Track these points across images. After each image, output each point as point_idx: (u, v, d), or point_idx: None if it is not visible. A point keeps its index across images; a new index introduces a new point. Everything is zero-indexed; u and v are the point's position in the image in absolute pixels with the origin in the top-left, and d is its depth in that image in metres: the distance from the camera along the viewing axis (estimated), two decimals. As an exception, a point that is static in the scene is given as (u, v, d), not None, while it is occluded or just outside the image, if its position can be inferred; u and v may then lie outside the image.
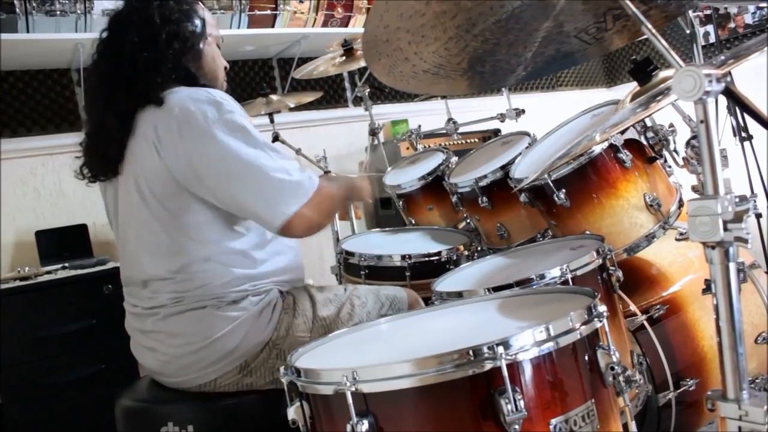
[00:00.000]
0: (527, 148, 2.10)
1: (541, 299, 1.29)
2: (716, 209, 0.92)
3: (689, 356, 1.80)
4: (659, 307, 1.80)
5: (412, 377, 0.95)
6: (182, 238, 1.45)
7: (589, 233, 1.73)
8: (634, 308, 1.79)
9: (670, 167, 1.86)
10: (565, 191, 1.75)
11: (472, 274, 1.70)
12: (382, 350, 1.21)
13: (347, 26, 3.43)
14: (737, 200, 0.94)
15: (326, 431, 1.05)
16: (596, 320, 1.06)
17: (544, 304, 1.25)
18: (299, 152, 2.95)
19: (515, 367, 0.96)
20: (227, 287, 1.45)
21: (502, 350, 0.93)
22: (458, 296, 1.44)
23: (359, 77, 3.68)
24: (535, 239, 2.08)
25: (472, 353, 0.94)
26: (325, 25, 3.38)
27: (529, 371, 0.98)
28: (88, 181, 1.59)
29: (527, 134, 2.25)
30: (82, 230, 2.77)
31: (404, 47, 1.28)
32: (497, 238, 2.13)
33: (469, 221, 2.29)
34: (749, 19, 3.97)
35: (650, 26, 1.09)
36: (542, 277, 1.41)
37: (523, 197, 1.89)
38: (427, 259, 2.06)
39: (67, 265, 2.52)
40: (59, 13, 2.63)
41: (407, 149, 3.34)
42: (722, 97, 0.97)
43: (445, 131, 2.97)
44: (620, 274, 1.53)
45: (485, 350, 0.94)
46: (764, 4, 3.51)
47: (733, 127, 2.58)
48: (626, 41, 1.49)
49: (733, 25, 4.05)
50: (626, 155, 1.75)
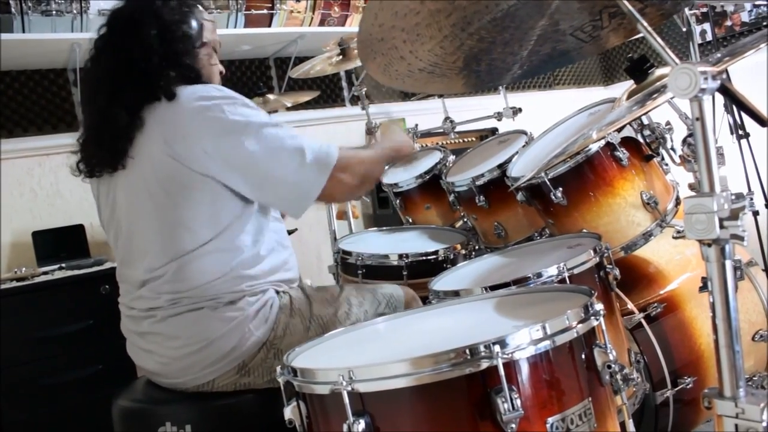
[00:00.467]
0: (524, 146, 2.09)
1: (538, 298, 1.29)
2: (712, 207, 0.92)
3: (687, 354, 1.80)
4: (656, 305, 1.80)
5: (408, 377, 0.94)
6: (180, 231, 1.44)
7: (586, 232, 1.73)
8: (631, 306, 1.79)
9: (667, 165, 1.86)
10: (562, 190, 1.75)
11: (469, 273, 1.70)
12: (378, 350, 1.21)
13: (344, 25, 3.43)
14: (733, 198, 0.94)
15: (323, 431, 1.05)
16: (593, 319, 1.06)
17: (541, 302, 1.25)
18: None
19: (512, 366, 0.96)
20: (223, 287, 1.45)
21: (498, 349, 0.93)
22: (455, 295, 1.44)
23: (356, 76, 3.68)
24: (532, 238, 2.08)
25: (468, 352, 0.94)
26: (321, 24, 3.37)
27: (525, 370, 0.97)
28: (83, 176, 1.57)
29: (524, 133, 2.24)
30: (79, 231, 2.77)
31: (399, 46, 1.28)
32: (494, 236, 2.13)
33: (466, 220, 2.29)
34: (746, 17, 3.97)
35: (646, 24, 1.09)
36: (539, 275, 1.41)
37: (520, 196, 1.89)
38: (424, 258, 2.06)
39: (64, 265, 2.52)
40: (55, 13, 2.62)
41: (405, 148, 3.33)
42: (720, 94, 0.97)
43: (442, 130, 2.97)
44: (617, 272, 1.53)
45: (482, 349, 0.94)
46: (761, 2, 3.51)
47: (730, 124, 2.59)
48: (622, 39, 1.49)
49: (729, 23, 4.05)
50: (623, 153, 1.75)
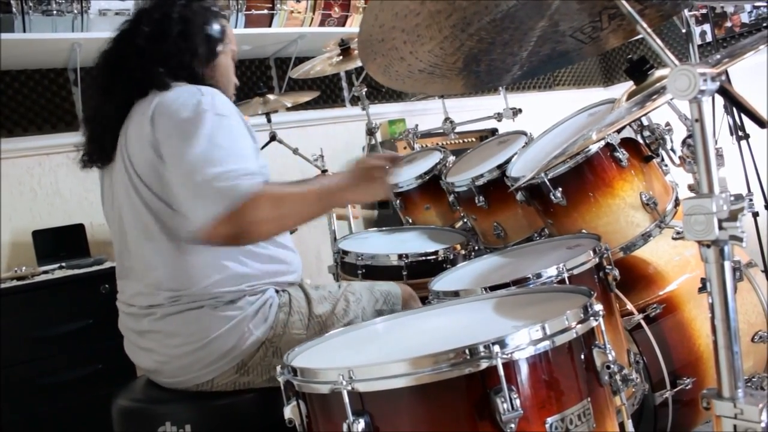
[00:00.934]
0: (524, 147, 2.10)
1: (537, 298, 1.29)
2: (711, 208, 0.92)
3: (686, 355, 1.80)
4: (656, 305, 1.81)
5: (408, 376, 0.95)
6: (174, 228, 1.43)
7: (585, 232, 1.73)
8: (630, 307, 1.79)
9: (666, 166, 1.86)
10: (561, 190, 1.75)
11: (468, 273, 1.70)
12: (378, 349, 1.21)
13: (344, 26, 3.43)
14: (732, 199, 0.94)
15: (322, 430, 1.05)
16: (592, 319, 1.06)
17: (540, 303, 1.25)
18: (296, 152, 2.95)
19: (511, 366, 0.96)
20: (224, 286, 1.44)
21: (498, 349, 0.93)
22: (455, 295, 1.44)
23: (356, 77, 3.68)
24: (531, 238, 2.09)
25: (468, 352, 0.94)
26: (322, 24, 3.37)
27: (525, 370, 0.98)
28: (83, 165, 1.59)
29: (524, 133, 2.25)
30: (78, 230, 2.77)
31: (399, 46, 1.28)
32: (494, 237, 2.14)
33: (466, 220, 2.30)
34: (746, 18, 3.98)
35: (645, 25, 1.09)
36: (539, 276, 1.41)
37: (519, 196, 1.89)
38: (424, 258, 2.06)
39: (64, 264, 2.52)
40: (56, 12, 2.62)
41: (404, 149, 3.34)
42: (719, 95, 0.97)
43: (442, 130, 2.98)
44: (617, 273, 1.53)
45: (481, 349, 0.94)
46: (761, 3, 3.51)
47: (730, 125, 2.59)
48: (622, 40, 1.49)
49: (729, 24, 4.05)
50: (623, 154, 1.75)
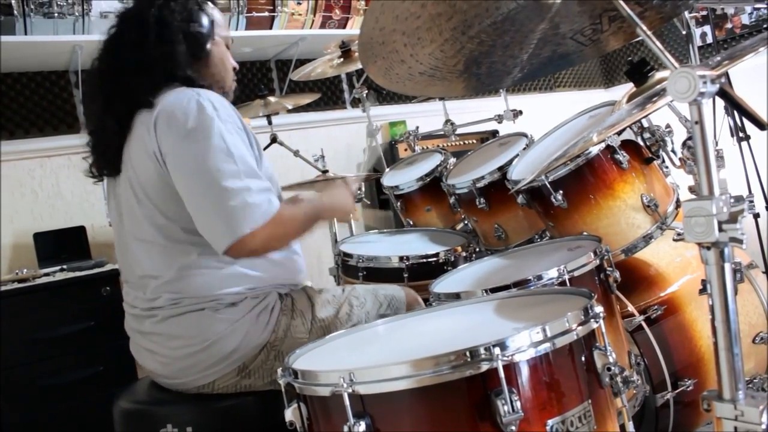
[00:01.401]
0: (524, 149, 2.10)
1: (538, 300, 1.29)
2: (711, 210, 0.93)
3: (687, 356, 1.80)
4: (657, 307, 1.80)
5: (408, 378, 0.95)
6: (178, 241, 1.44)
7: (586, 234, 1.73)
8: (631, 309, 1.79)
9: (667, 168, 1.86)
10: (562, 192, 1.75)
11: (469, 275, 1.71)
12: (379, 352, 1.21)
13: (345, 28, 3.43)
14: (732, 201, 0.94)
15: (323, 433, 1.05)
16: (593, 321, 1.06)
17: (541, 305, 1.26)
18: (297, 154, 2.95)
19: (512, 368, 0.96)
20: (225, 289, 1.45)
21: (498, 351, 0.93)
22: (456, 297, 1.44)
23: (357, 79, 3.69)
24: (532, 240, 2.09)
25: (468, 354, 0.94)
26: (322, 26, 3.37)
27: (525, 372, 0.98)
28: (95, 179, 1.59)
29: (525, 135, 2.25)
30: (80, 232, 2.77)
31: (400, 49, 1.29)
32: (495, 239, 2.14)
33: (466, 222, 2.30)
34: (746, 19, 3.98)
35: (645, 27, 1.09)
36: (539, 278, 1.41)
37: (520, 198, 1.89)
38: (424, 260, 2.07)
39: (65, 267, 2.52)
40: (57, 15, 2.63)
41: (405, 150, 3.35)
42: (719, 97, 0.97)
43: (442, 132, 2.98)
44: (618, 274, 1.53)
45: (482, 351, 0.94)
46: (761, 4, 3.52)
47: (730, 127, 2.59)
48: (622, 43, 1.49)
49: (730, 25, 4.05)
50: (623, 156, 1.75)
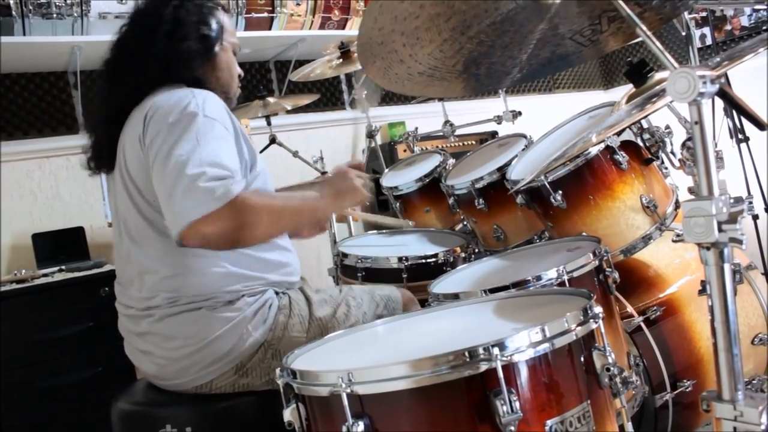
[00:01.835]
0: (524, 150, 2.10)
1: (537, 301, 1.29)
2: (711, 210, 0.93)
3: (686, 357, 1.80)
4: (656, 308, 1.81)
5: (407, 379, 0.94)
6: (169, 235, 1.41)
7: (585, 235, 1.73)
8: (631, 310, 1.79)
9: (666, 169, 1.86)
10: (561, 193, 1.75)
11: (468, 275, 1.70)
12: (377, 352, 1.21)
13: (344, 29, 3.43)
14: (732, 201, 0.94)
15: (322, 433, 1.05)
16: (592, 321, 1.06)
17: (540, 305, 1.25)
18: (296, 155, 2.95)
19: (511, 368, 0.96)
20: (222, 287, 1.44)
21: (497, 351, 0.93)
22: (455, 298, 1.44)
23: (356, 80, 3.68)
24: (531, 241, 2.09)
25: (467, 354, 0.94)
26: (321, 27, 3.37)
27: (524, 372, 0.98)
28: (91, 172, 1.60)
29: (524, 136, 2.25)
30: (78, 233, 2.77)
31: (399, 49, 1.28)
32: (494, 239, 2.14)
33: (465, 223, 2.30)
34: (745, 21, 3.98)
35: (644, 28, 1.09)
36: (539, 278, 1.41)
37: (519, 199, 1.89)
38: (423, 261, 2.06)
39: (63, 267, 2.52)
40: (56, 15, 2.63)
41: (404, 151, 3.35)
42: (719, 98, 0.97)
43: (442, 133, 2.99)
44: (617, 275, 1.53)
45: (481, 351, 0.94)
46: (760, 6, 3.52)
47: (729, 128, 2.59)
48: (622, 43, 1.49)
49: (729, 27, 4.05)
50: (623, 157, 1.75)
